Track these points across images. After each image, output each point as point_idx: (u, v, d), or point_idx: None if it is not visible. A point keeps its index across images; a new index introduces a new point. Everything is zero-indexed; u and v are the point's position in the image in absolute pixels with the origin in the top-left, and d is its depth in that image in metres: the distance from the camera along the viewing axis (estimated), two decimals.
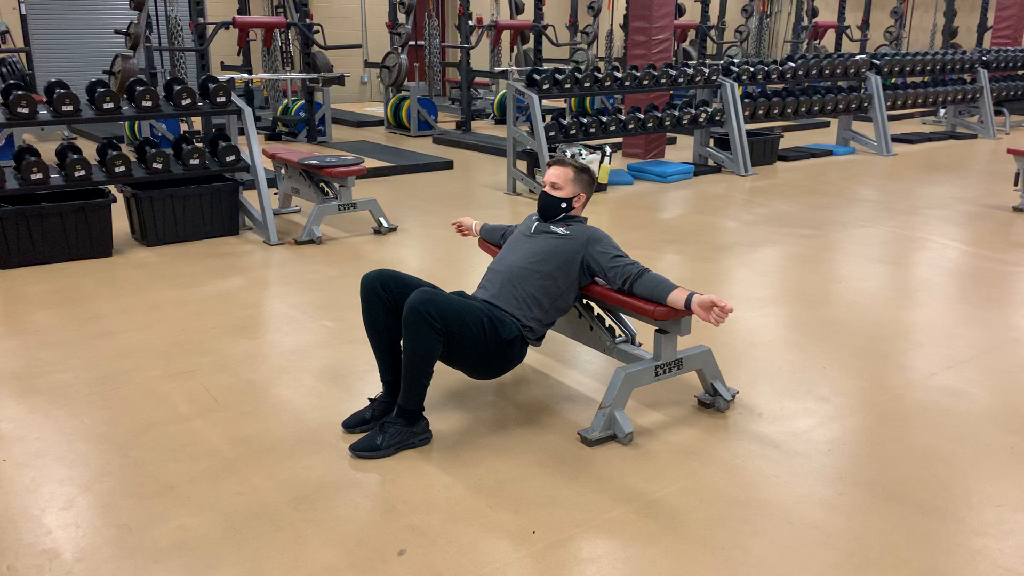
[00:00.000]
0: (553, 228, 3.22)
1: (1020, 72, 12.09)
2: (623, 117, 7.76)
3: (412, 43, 11.80)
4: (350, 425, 3.04)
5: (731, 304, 2.84)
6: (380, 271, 3.04)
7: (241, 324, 4.16)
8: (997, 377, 3.57)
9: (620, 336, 3.34)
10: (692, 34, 13.57)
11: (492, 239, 3.68)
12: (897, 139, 10.54)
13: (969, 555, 2.37)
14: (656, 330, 3.08)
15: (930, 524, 2.51)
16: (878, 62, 10.01)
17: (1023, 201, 6.74)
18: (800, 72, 9.23)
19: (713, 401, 3.24)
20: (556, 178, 3.25)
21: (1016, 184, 6.81)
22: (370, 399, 3.12)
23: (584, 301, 3.33)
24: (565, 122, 7.36)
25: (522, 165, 7.55)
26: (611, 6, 14.79)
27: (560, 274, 3.12)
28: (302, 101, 10.37)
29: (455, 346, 2.87)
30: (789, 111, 9.08)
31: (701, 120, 8.30)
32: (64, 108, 5.15)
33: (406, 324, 2.77)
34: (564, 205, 3.25)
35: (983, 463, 2.87)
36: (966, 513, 2.57)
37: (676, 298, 2.91)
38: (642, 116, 7.89)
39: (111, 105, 5.31)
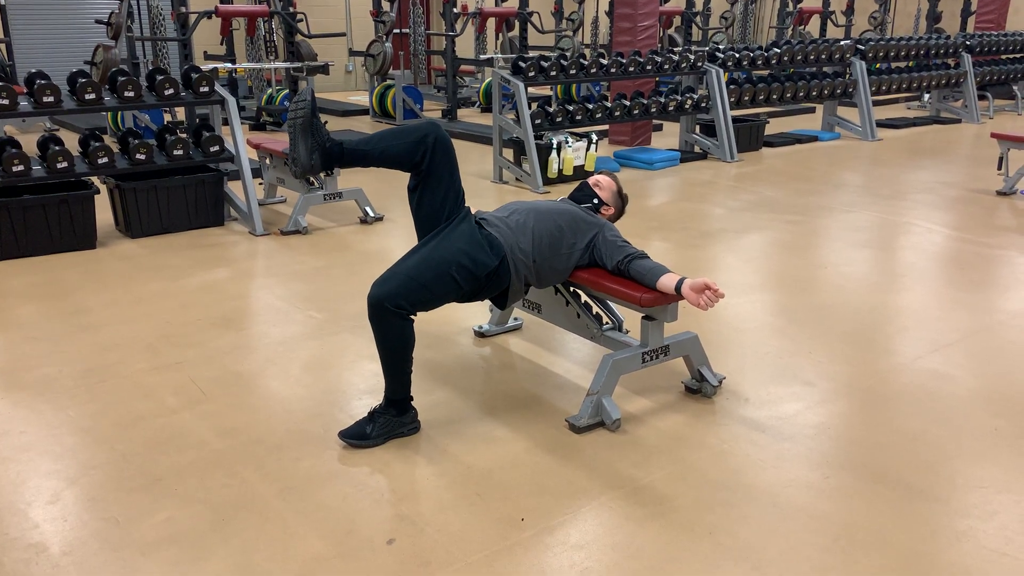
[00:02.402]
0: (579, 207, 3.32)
1: (1003, 56, 12.13)
2: (609, 104, 7.75)
3: (397, 31, 11.74)
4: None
5: (722, 290, 2.85)
6: (445, 136, 2.94)
7: (227, 316, 4.14)
8: (982, 360, 3.60)
9: (607, 323, 3.34)
10: (677, 20, 13.55)
11: None
12: (882, 124, 10.57)
13: (954, 536, 2.39)
14: (643, 317, 3.08)
15: (916, 506, 2.53)
16: (863, 47, 10.03)
17: (1007, 185, 6.78)
18: (785, 58, 9.23)
19: (700, 387, 3.25)
20: (603, 181, 3.45)
21: (1000, 168, 6.84)
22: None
23: (571, 289, 3.34)
24: (551, 109, 7.35)
25: (508, 153, 7.53)
26: None
27: (571, 232, 3.13)
28: (286, 90, 10.30)
29: (433, 304, 2.88)
30: (774, 97, 9.09)
31: (687, 107, 8.30)
32: (45, 99, 5.09)
33: (372, 321, 2.77)
34: (596, 201, 3.37)
35: (968, 445, 2.89)
36: (951, 495, 2.59)
37: (666, 282, 2.92)
38: (628, 103, 7.87)
39: (93, 96, 5.26)
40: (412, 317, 2.80)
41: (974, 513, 2.50)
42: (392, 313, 2.73)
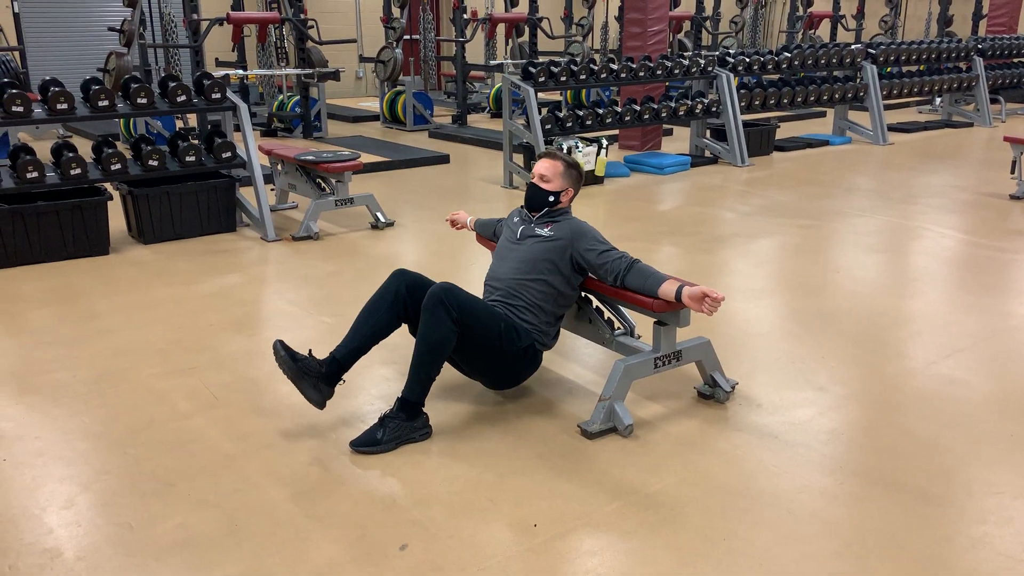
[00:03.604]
0: (538, 231, 3.22)
1: (1015, 60, 12.08)
2: (619, 109, 7.75)
3: (407, 37, 11.77)
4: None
5: (724, 293, 2.85)
6: (413, 276, 3.07)
7: (239, 321, 4.15)
8: (995, 365, 3.58)
9: (619, 328, 3.33)
10: (687, 25, 13.54)
11: (486, 234, 3.69)
12: (893, 128, 10.53)
13: (969, 542, 2.37)
14: (655, 322, 3.08)
15: (930, 512, 2.52)
16: (874, 51, 10.00)
17: (1020, 189, 6.74)
18: (796, 62, 9.21)
19: (712, 392, 3.24)
20: (546, 171, 3.26)
21: (1012, 172, 6.81)
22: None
23: (583, 294, 3.33)
24: (561, 115, 7.35)
25: (518, 158, 7.53)
26: None
27: (552, 276, 3.14)
28: (297, 97, 10.35)
29: (469, 343, 2.91)
30: (785, 101, 9.07)
31: (697, 111, 8.29)
32: (59, 106, 5.13)
33: (424, 310, 2.82)
34: (552, 199, 3.26)
35: (982, 451, 2.87)
36: (966, 501, 2.58)
37: (666, 290, 2.92)
38: (638, 108, 7.87)
39: (106, 103, 5.29)
40: (456, 327, 2.83)
41: (990, 519, 2.48)
42: (445, 310, 2.79)
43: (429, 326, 2.82)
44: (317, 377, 2.96)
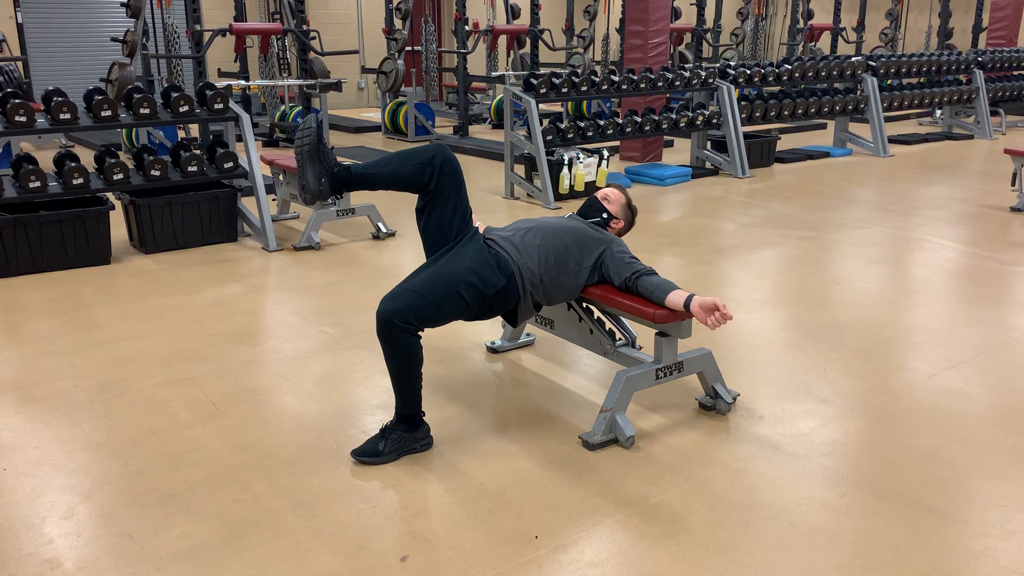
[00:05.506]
0: (587, 222, 3.31)
1: (1016, 72, 12.11)
2: (620, 121, 7.76)
3: (409, 48, 11.81)
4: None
5: (731, 312, 2.85)
6: (451, 156, 2.99)
7: (240, 331, 4.15)
8: (997, 377, 3.57)
9: (620, 339, 3.33)
10: (688, 37, 13.59)
11: None
12: (894, 140, 10.55)
13: (972, 556, 2.37)
14: (657, 333, 3.08)
15: (933, 525, 2.51)
16: (874, 63, 10.03)
17: (1020, 201, 6.75)
18: (796, 74, 9.24)
19: (714, 404, 3.24)
20: (611, 194, 3.43)
21: (1013, 184, 6.81)
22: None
23: (584, 305, 3.33)
24: (562, 126, 7.37)
25: (520, 169, 7.54)
26: (607, 10, 14.81)
27: (577, 250, 3.13)
28: (299, 107, 10.37)
29: (441, 321, 2.88)
30: (786, 113, 9.09)
31: (698, 123, 8.31)
32: (62, 116, 5.15)
33: (380, 337, 2.77)
34: (605, 215, 3.36)
35: (985, 463, 2.87)
36: (968, 514, 2.57)
37: (675, 299, 2.92)
38: (639, 119, 7.89)
39: (109, 113, 5.31)
40: (420, 334, 2.81)
41: (992, 532, 2.47)
42: (400, 329, 2.74)
43: (391, 350, 2.77)
44: (328, 169, 2.91)
